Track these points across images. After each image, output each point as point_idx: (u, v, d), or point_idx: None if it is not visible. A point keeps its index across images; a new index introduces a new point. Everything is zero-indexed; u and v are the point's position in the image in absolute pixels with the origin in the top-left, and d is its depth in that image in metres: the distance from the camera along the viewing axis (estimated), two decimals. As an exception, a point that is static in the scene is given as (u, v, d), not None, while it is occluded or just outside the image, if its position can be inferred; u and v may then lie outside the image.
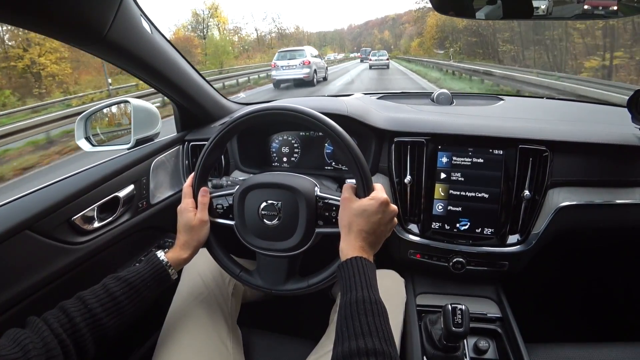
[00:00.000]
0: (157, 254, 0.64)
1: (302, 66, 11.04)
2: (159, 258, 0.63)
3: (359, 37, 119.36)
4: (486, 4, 0.65)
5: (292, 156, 1.07)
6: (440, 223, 0.87)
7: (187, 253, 0.67)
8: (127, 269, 0.61)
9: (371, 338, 0.43)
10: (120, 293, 0.56)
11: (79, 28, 0.62)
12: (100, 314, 0.53)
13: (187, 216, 0.68)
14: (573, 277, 1.26)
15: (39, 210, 0.66)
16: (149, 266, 0.62)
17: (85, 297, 0.54)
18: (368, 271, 0.52)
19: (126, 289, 0.57)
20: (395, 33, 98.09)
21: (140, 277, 0.59)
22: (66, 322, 0.50)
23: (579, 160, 0.83)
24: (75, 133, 0.97)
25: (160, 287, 0.63)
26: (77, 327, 0.50)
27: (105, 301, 0.54)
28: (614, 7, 0.63)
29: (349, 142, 0.60)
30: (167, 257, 0.64)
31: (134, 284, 0.58)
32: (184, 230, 0.68)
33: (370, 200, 0.58)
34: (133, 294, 0.57)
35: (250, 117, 0.65)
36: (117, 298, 0.55)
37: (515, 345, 0.73)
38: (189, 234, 0.67)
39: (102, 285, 0.56)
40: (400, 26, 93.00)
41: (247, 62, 33.99)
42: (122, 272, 0.60)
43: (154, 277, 0.61)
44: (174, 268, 0.64)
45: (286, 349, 0.79)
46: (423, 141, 0.86)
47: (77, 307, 0.52)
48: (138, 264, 0.63)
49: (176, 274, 0.66)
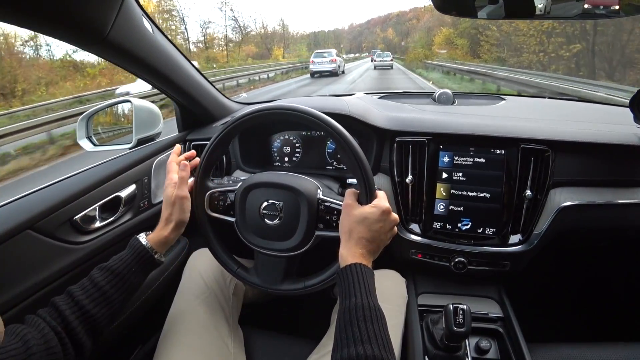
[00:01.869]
0: (137, 238, 0.63)
1: (330, 62, 16.16)
2: (140, 242, 0.62)
3: (360, 36, 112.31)
4: (488, 4, 0.65)
5: (293, 156, 1.07)
6: (441, 223, 0.87)
7: (167, 230, 0.65)
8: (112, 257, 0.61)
9: (370, 345, 0.44)
10: (105, 282, 0.56)
11: (81, 28, 0.62)
12: (87, 306, 0.53)
13: (168, 191, 0.68)
14: (575, 277, 1.26)
15: (40, 210, 0.66)
16: (131, 250, 0.61)
17: (72, 291, 0.55)
18: (367, 278, 0.52)
19: (110, 277, 0.57)
20: (400, 31, 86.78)
21: (123, 263, 0.59)
22: (57, 316, 0.51)
23: (580, 160, 0.83)
24: (77, 133, 0.97)
25: (146, 270, 0.63)
26: (68, 320, 0.51)
27: (91, 292, 0.55)
28: (615, 6, 0.63)
29: (352, 144, 0.59)
30: (148, 239, 0.63)
31: (117, 272, 0.58)
32: (165, 205, 0.67)
33: (372, 208, 0.58)
34: (118, 282, 0.58)
35: (252, 117, 0.65)
36: (102, 288, 0.56)
37: (517, 345, 0.73)
38: (168, 209, 0.67)
39: (89, 277, 0.57)
40: (406, 23, 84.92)
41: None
42: (109, 262, 0.60)
43: (137, 261, 0.60)
44: (157, 250, 0.63)
45: (287, 348, 0.79)
46: (424, 141, 0.86)
47: (66, 301, 0.53)
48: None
49: (162, 256, 0.65)
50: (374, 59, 25.40)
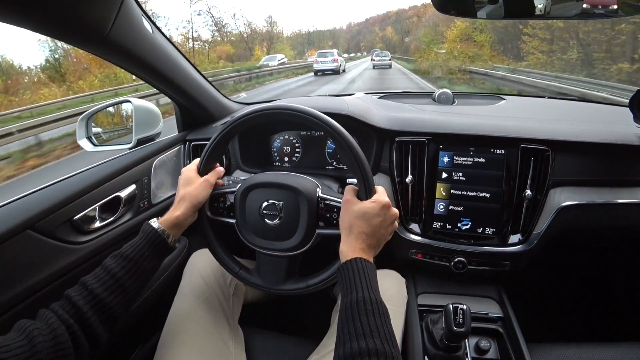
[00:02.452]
0: (149, 222, 0.62)
1: (332, 62, 17.62)
2: (152, 225, 0.61)
3: (358, 35, 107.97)
4: (487, 4, 0.65)
5: (293, 156, 1.07)
6: (441, 223, 0.87)
7: (179, 210, 0.64)
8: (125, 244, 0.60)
9: (372, 338, 0.43)
10: (119, 269, 0.55)
11: (81, 28, 0.62)
12: (102, 294, 0.52)
13: (189, 172, 0.68)
14: (574, 276, 1.26)
15: (40, 210, 0.66)
16: (143, 235, 0.60)
17: (86, 281, 0.53)
18: (368, 272, 0.52)
19: (124, 263, 0.56)
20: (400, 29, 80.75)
21: (136, 248, 0.58)
22: (70, 308, 0.50)
23: (580, 159, 0.83)
24: (77, 133, 0.97)
25: (160, 255, 0.61)
26: (81, 310, 0.50)
27: (105, 279, 0.54)
28: (613, 5, 0.63)
29: (351, 143, 0.60)
30: (160, 222, 0.62)
31: (130, 257, 0.57)
32: (182, 185, 0.67)
33: (372, 202, 0.58)
34: (132, 267, 0.56)
35: (252, 117, 0.65)
36: (116, 275, 0.54)
37: (516, 345, 0.73)
38: (185, 187, 0.66)
39: (102, 266, 0.56)
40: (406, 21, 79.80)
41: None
42: (122, 248, 0.59)
43: (150, 245, 0.59)
44: (169, 233, 0.62)
45: (288, 349, 0.79)
46: (424, 141, 0.86)
47: (80, 291, 0.52)
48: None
49: (175, 241, 0.64)
50: (373, 59, 25.36)
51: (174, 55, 0.89)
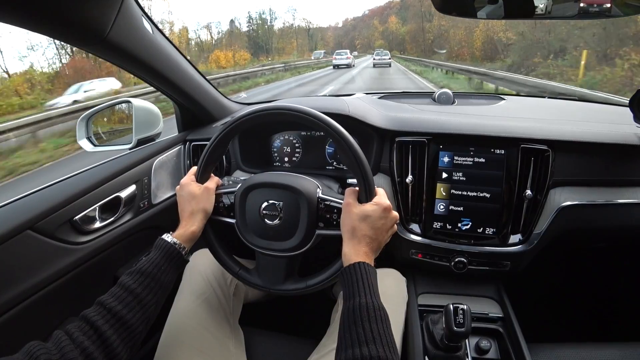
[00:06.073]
0: (163, 238, 0.62)
1: (346, 59, 24.11)
2: (167, 240, 0.61)
3: (353, 30, 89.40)
4: (487, 4, 0.65)
5: (293, 156, 1.07)
6: (441, 223, 0.87)
7: (194, 225, 0.65)
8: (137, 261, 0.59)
9: (375, 345, 0.44)
10: (136, 285, 0.54)
11: (81, 28, 0.62)
12: (121, 312, 0.50)
13: (190, 187, 0.68)
14: (575, 276, 1.26)
15: (40, 211, 0.66)
16: (158, 250, 0.60)
17: (103, 300, 0.51)
18: (371, 277, 0.52)
19: (141, 279, 0.55)
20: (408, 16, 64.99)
21: (152, 263, 0.57)
22: (88, 329, 0.47)
23: (580, 159, 0.83)
24: (77, 133, 0.97)
25: (176, 268, 0.61)
26: (101, 330, 0.47)
27: (123, 297, 0.52)
28: (607, 4, 0.63)
29: (351, 143, 0.60)
30: (174, 237, 0.62)
31: (148, 272, 0.56)
32: (188, 200, 0.67)
33: (374, 205, 0.58)
34: (150, 282, 0.55)
35: (252, 117, 0.65)
36: (134, 291, 0.53)
37: (517, 345, 0.73)
38: (192, 202, 0.66)
39: (118, 284, 0.54)
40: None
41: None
42: (136, 265, 0.57)
43: (167, 259, 0.59)
44: (184, 245, 0.62)
45: (288, 348, 0.79)
46: (424, 141, 0.86)
47: (98, 311, 0.50)
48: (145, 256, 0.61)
49: (189, 253, 0.64)
50: (374, 58, 26.81)
51: (174, 55, 0.89)
